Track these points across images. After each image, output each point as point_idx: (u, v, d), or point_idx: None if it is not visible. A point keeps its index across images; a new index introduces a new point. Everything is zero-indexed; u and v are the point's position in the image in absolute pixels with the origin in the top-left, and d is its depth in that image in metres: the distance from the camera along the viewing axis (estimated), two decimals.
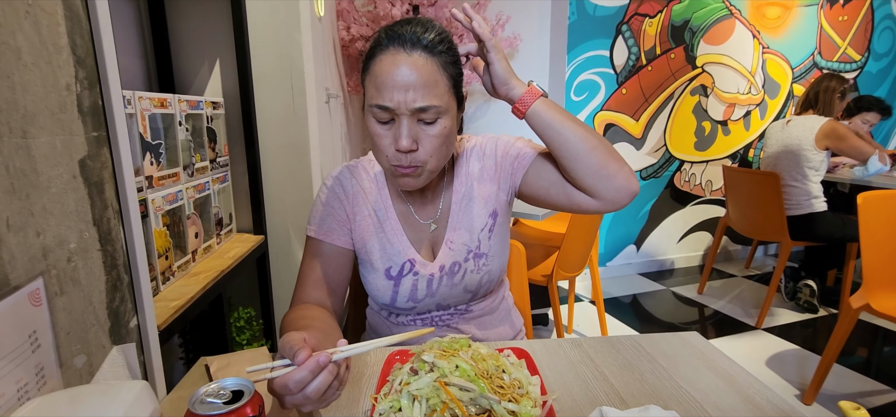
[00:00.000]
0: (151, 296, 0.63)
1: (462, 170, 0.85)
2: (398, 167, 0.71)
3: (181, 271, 0.90)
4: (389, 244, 0.82)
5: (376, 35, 0.72)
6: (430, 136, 0.70)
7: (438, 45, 0.69)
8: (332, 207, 0.82)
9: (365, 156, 0.88)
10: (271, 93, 1.29)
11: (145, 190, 0.79)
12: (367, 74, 0.71)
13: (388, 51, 0.68)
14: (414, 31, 0.68)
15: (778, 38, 3.19)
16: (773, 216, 2.32)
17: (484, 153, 0.85)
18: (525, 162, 0.82)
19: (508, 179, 0.84)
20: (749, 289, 2.91)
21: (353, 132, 2.19)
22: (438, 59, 0.69)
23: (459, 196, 0.84)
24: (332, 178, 0.84)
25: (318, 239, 0.81)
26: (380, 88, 0.67)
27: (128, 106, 0.75)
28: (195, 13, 1.23)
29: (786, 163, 2.39)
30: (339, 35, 1.99)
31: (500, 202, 0.84)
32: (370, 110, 0.70)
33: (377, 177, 0.84)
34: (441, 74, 0.69)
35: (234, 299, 1.27)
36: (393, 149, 0.69)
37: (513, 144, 0.84)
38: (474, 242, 0.83)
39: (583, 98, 2.86)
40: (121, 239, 0.59)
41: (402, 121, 0.68)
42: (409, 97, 0.66)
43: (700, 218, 3.29)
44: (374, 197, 0.83)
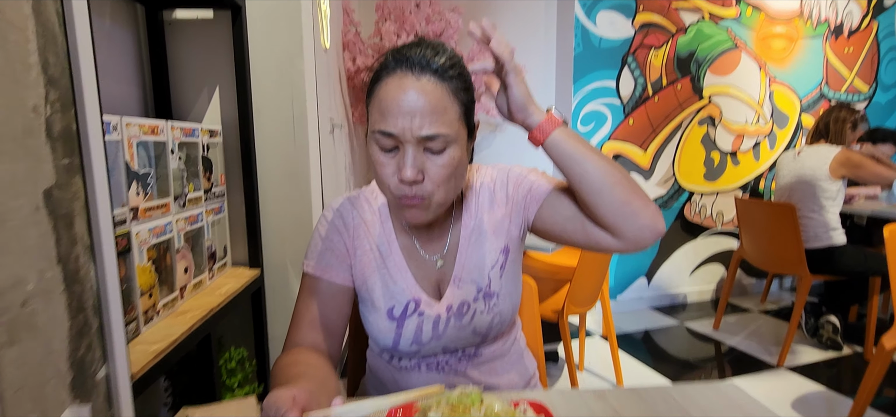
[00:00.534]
0: (125, 342, 0.56)
1: (471, 202, 0.79)
2: (403, 198, 0.65)
3: (167, 309, 0.83)
4: (392, 281, 0.75)
5: (383, 58, 0.67)
6: (437, 167, 0.64)
7: (449, 70, 0.64)
8: (332, 241, 0.76)
9: (368, 185, 0.82)
10: (271, 121, 1.25)
11: (129, 222, 0.73)
12: (372, 99, 0.66)
13: (395, 74, 0.63)
14: (423, 54, 0.64)
15: (784, 69, 3.17)
16: (790, 249, 2.24)
17: (495, 185, 0.80)
18: (539, 195, 0.76)
19: (521, 213, 0.78)
20: (767, 325, 2.80)
21: (357, 162, 2.15)
22: (449, 85, 0.64)
23: (469, 230, 0.78)
24: (332, 210, 0.78)
25: (316, 276, 0.75)
26: (384, 113, 0.63)
27: (113, 132, 0.70)
28: (196, 40, 1.20)
29: (801, 194, 2.33)
30: (345, 65, 1.97)
31: (511, 237, 0.78)
32: (373, 137, 0.65)
33: (380, 210, 0.78)
34: (451, 101, 0.64)
35: (227, 338, 1.19)
36: (396, 180, 0.64)
37: (526, 176, 0.79)
38: (484, 280, 0.76)
39: (589, 128, 2.82)
40: (91, 278, 0.53)
41: (408, 150, 0.63)
42: (415, 124, 0.61)
43: (712, 250, 3.20)
44: (377, 230, 0.77)
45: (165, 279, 0.84)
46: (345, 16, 1.94)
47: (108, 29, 1.02)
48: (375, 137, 0.64)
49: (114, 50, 1.05)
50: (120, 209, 0.71)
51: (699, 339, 2.63)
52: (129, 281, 0.72)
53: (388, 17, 1.96)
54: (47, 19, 0.49)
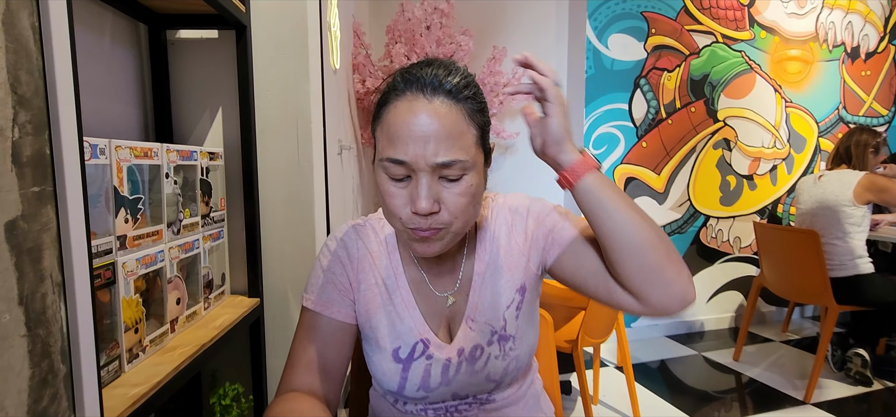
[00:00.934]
0: (97, 389, 0.50)
1: (487, 234, 0.72)
2: (416, 230, 0.59)
3: (155, 345, 0.78)
4: (399, 319, 0.69)
5: (391, 79, 0.61)
6: (454, 196, 0.58)
7: (464, 90, 0.59)
8: (334, 273, 0.70)
9: (375, 213, 0.76)
10: (275, 143, 1.20)
11: (115, 252, 0.68)
12: (379, 123, 0.61)
13: (405, 96, 0.58)
14: (435, 73, 0.58)
15: (801, 92, 3.10)
16: (814, 277, 2.14)
17: (513, 218, 0.73)
18: (562, 240, 0.68)
19: (539, 254, 0.70)
20: (789, 356, 2.67)
21: (365, 184, 2.11)
22: (464, 107, 0.59)
23: (483, 265, 0.71)
24: (335, 240, 0.72)
25: (315, 312, 0.69)
26: (394, 140, 0.57)
27: (100, 156, 0.66)
28: (199, 61, 1.17)
29: (824, 220, 2.24)
30: (355, 87, 1.94)
31: (529, 276, 0.71)
32: (382, 165, 0.59)
33: (387, 240, 0.72)
34: (467, 124, 0.58)
35: (222, 372, 1.13)
36: (408, 211, 0.58)
37: (549, 214, 0.71)
38: (499, 322, 0.69)
39: (602, 151, 2.76)
40: (60, 319, 0.47)
41: (421, 179, 0.57)
42: (429, 150, 0.56)
43: (730, 276, 3.10)
44: (383, 262, 0.71)
45: (154, 312, 0.78)
46: (355, 38, 1.92)
47: (108, 48, 0.99)
48: (384, 165, 0.58)
49: (114, 70, 1.01)
50: (105, 238, 0.66)
51: (718, 370, 2.51)
52: (113, 317, 0.67)
53: (398, 39, 1.93)
54: (20, 34, 0.45)
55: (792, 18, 3.02)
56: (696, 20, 2.84)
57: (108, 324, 0.66)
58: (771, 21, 2.98)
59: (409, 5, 1.90)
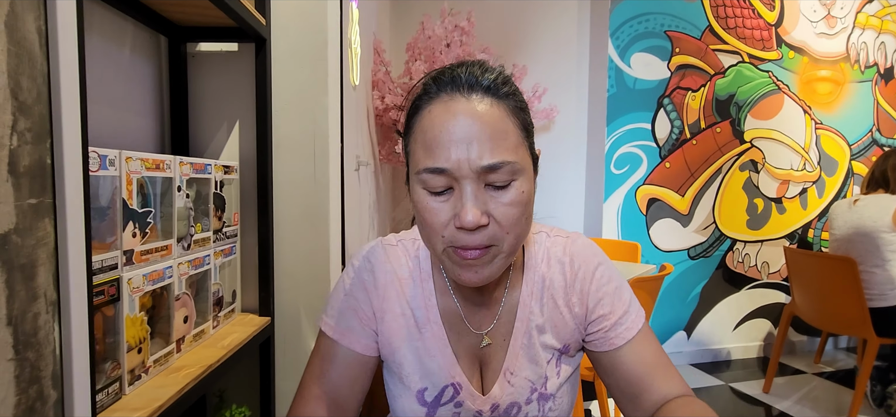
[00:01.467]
0: (91, 415, 0.47)
1: (534, 272, 0.63)
2: (462, 251, 0.51)
3: (159, 366, 0.74)
4: (429, 356, 0.61)
5: (421, 85, 0.56)
6: (503, 206, 0.51)
7: (503, 87, 0.53)
8: (356, 299, 0.63)
9: (408, 231, 0.69)
10: (291, 158, 1.18)
11: (121, 267, 0.65)
12: (412, 135, 0.55)
13: (440, 99, 0.52)
14: (470, 72, 0.53)
15: (832, 114, 3.00)
16: (851, 307, 2.02)
17: (574, 271, 0.63)
18: (615, 339, 0.60)
19: (586, 330, 0.63)
20: (823, 389, 2.53)
21: (382, 200, 2.08)
22: (506, 104, 0.52)
23: (527, 311, 0.62)
24: (361, 259, 0.65)
25: (333, 340, 0.62)
26: (431, 147, 0.51)
27: (109, 167, 0.63)
28: (218, 73, 1.16)
29: (860, 247, 2.13)
30: (373, 104, 1.93)
31: (574, 340, 0.64)
32: (418, 178, 0.52)
33: (421, 264, 0.64)
34: (511, 123, 0.52)
35: (229, 394, 1.09)
36: (452, 228, 0.51)
37: (614, 296, 0.62)
38: (540, 379, 0.62)
39: (624, 171, 2.69)
40: (53, 340, 0.44)
41: (465, 187, 0.50)
42: (473, 153, 0.49)
43: (758, 303, 2.97)
44: (414, 290, 0.63)
45: (160, 330, 0.75)
46: (375, 55, 1.92)
47: (127, 60, 0.99)
48: (422, 178, 0.52)
49: (133, 82, 1.01)
50: (111, 253, 0.64)
51: (747, 401, 2.39)
52: (115, 336, 0.64)
53: (418, 56, 1.92)
54: (23, 37, 0.42)
55: (821, 38, 2.94)
56: (722, 40, 2.77)
57: (109, 343, 0.63)
58: (799, 41, 2.90)
59: (430, 23, 1.89)
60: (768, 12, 2.84)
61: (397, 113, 1.91)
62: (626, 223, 2.72)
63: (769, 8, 2.84)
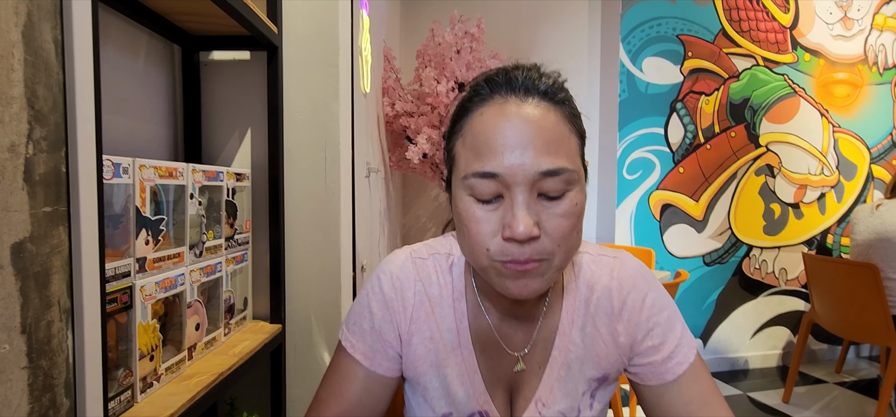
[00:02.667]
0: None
1: (576, 297, 0.59)
2: (511, 264, 0.48)
3: (171, 373, 0.74)
4: (457, 383, 0.58)
5: (472, 85, 0.53)
6: (556, 217, 0.47)
7: (559, 92, 0.50)
8: (381, 320, 0.59)
9: (438, 240, 0.64)
10: (303, 165, 1.19)
11: (134, 275, 0.66)
12: (459, 137, 0.51)
13: (493, 101, 0.49)
14: (527, 75, 0.50)
15: (849, 117, 2.94)
16: (874, 315, 1.97)
17: (623, 298, 0.58)
18: (666, 373, 0.56)
19: (626, 358, 0.59)
20: (844, 399, 2.46)
21: (392, 208, 2.08)
22: (562, 110, 0.49)
23: (567, 340, 0.58)
24: (390, 276, 0.59)
25: (354, 359, 0.58)
26: (482, 151, 0.47)
27: (123, 175, 0.64)
28: (230, 82, 1.17)
29: (882, 253, 2.07)
30: (384, 111, 1.93)
31: (615, 370, 0.60)
32: (465, 184, 0.49)
33: (454, 282, 0.60)
34: (568, 130, 0.49)
35: (240, 401, 1.09)
36: (499, 240, 0.48)
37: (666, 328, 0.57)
38: (573, 411, 0.58)
39: (637, 176, 2.67)
40: (66, 349, 0.44)
41: (517, 196, 0.47)
42: (528, 159, 0.46)
43: (776, 311, 2.91)
44: (445, 311, 0.59)
45: (172, 337, 0.75)
46: (386, 62, 1.92)
47: (141, 69, 1.00)
48: (469, 184, 0.48)
49: (147, 90, 1.02)
50: (124, 260, 0.64)
51: (766, 412, 2.33)
52: (128, 343, 0.64)
53: (428, 63, 1.93)
54: (40, 47, 0.43)
55: (838, 41, 2.89)
56: (735, 43, 2.74)
57: (122, 351, 0.63)
58: (815, 44, 2.86)
59: (440, 30, 1.90)
60: (783, 15, 2.80)
61: (407, 119, 1.91)
62: (640, 229, 2.69)
63: (784, 10, 2.80)
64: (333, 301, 1.17)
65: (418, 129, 1.87)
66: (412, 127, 1.90)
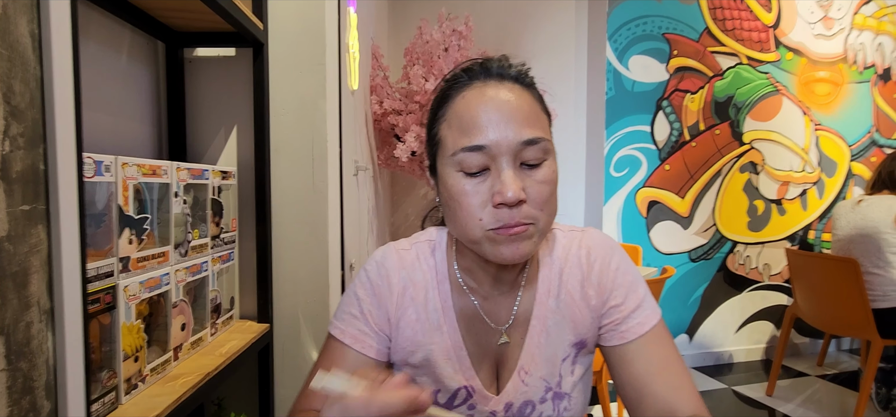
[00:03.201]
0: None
1: (553, 270, 0.63)
2: (503, 229, 0.53)
3: (156, 374, 0.73)
4: (443, 361, 0.61)
5: (450, 76, 0.59)
6: (537, 184, 0.54)
7: (527, 77, 0.58)
8: (371, 306, 0.62)
9: (419, 235, 0.68)
10: (290, 163, 1.17)
11: (117, 275, 0.64)
12: (443, 121, 0.57)
13: (473, 85, 0.56)
14: (500, 63, 0.58)
15: (831, 115, 3.00)
16: (854, 309, 2.01)
17: (591, 263, 0.63)
18: (626, 332, 0.60)
19: (598, 320, 0.63)
20: (826, 392, 2.52)
21: (380, 206, 2.07)
22: (532, 92, 0.57)
23: (545, 308, 0.62)
24: (375, 265, 0.64)
25: (344, 344, 0.61)
26: (468, 127, 0.54)
27: (105, 173, 0.63)
28: (215, 79, 1.15)
29: (862, 248, 2.12)
30: (372, 108, 1.92)
31: (590, 335, 0.64)
32: (453, 160, 0.54)
33: (437, 267, 0.64)
34: (539, 109, 0.57)
35: (228, 401, 1.08)
36: (490, 208, 0.53)
37: (630, 289, 0.62)
38: (555, 377, 0.61)
39: (623, 174, 2.69)
40: (46, 350, 0.43)
41: (502, 164, 0.53)
42: (510, 132, 0.52)
43: (759, 305, 2.96)
44: (429, 294, 0.63)
45: (157, 338, 0.74)
46: (373, 60, 1.91)
47: (124, 66, 0.98)
48: (458, 159, 0.54)
49: (130, 88, 1.00)
50: (107, 260, 0.63)
51: (750, 405, 2.37)
52: (112, 344, 0.63)
53: (416, 61, 1.92)
54: (16, 41, 0.42)
55: (819, 40, 2.94)
56: (720, 42, 2.78)
57: (105, 352, 0.62)
58: (797, 42, 2.91)
59: (428, 28, 1.89)
60: (766, 14, 2.85)
61: (396, 117, 1.90)
62: (627, 226, 2.71)
63: (766, 9, 2.85)
64: (321, 300, 1.16)
65: (407, 127, 1.87)
66: (400, 125, 1.89)
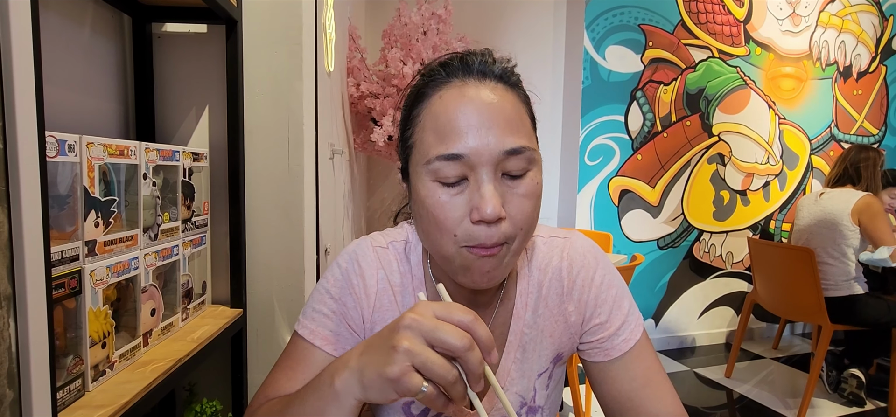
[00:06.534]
0: (52, 415, 0.44)
1: (529, 281, 0.60)
2: (478, 248, 0.47)
3: (124, 361, 0.71)
4: None
5: (425, 70, 0.53)
6: (518, 197, 0.48)
7: (512, 76, 0.52)
8: (344, 305, 0.57)
9: (395, 229, 0.63)
10: (264, 146, 1.15)
11: (82, 259, 0.62)
12: (418, 123, 0.51)
13: (451, 84, 0.50)
14: (483, 59, 0.51)
15: (794, 109, 3.12)
16: (809, 296, 2.12)
17: (573, 278, 0.59)
18: (611, 350, 0.58)
19: (577, 336, 0.60)
20: (779, 373, 2.66)
21: (356, 190, 2.06)
22: (517, 93, 0.51)
23: (522, 323, 0.59)
24: (350, 261, 0.58)
25: (312, 344, 0.55)
26: (445, 133, 0.47)
27: (69, 153, 0.60)
28: (186, 56, 1.11)
29: (820, 238, 2.22)
30: (349, 91, 1.89)
31: (569, 348, 0.61)
32: (427, 169, 0.48)
33: (412, 268, 0.59)
34: (523, 111, 0.50)
35: (200, 387, 1.07)
36: (467, 224, 0.47)
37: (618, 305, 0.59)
38: (530, 392, 0.59)
39: (597, 163, 2.74)
40: (8, 337, 0.42)
41: (482, 176, 0.47)
42: (492, 140, 0.46)
43: (722, 292, 3.08)
44: (404, 298, 0.58)
45: (126, 323, 0.72)
46: (350, 41, 1.87)
47: (87, 40, 0.93)
48: (433, 168, 0.47)
49: (94, 63, 0.96)
50: (72, 244, 0.60)
51: (709, 386, 2.49)
52: (77, 330, 0.61)
53: (394, 44, 1.89)
54: None
55: (786, 36, 3.04)
56: (693, 35, 2.84)
57: (71, 338, 0.60)
58: (766, 38, 3.00)
59: (406, 10, 1.86)
60: (737, 8, 2.92)
61: (373, 100, 1.87)
62: (599, 214, 2.77)
63: (738, 4, 2.92)
64: (296, 284, 1.15)
65: (384, 111, 1.85)
66: (378, 108, 1.87)
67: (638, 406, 0.56)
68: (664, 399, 0.56)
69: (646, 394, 0.56)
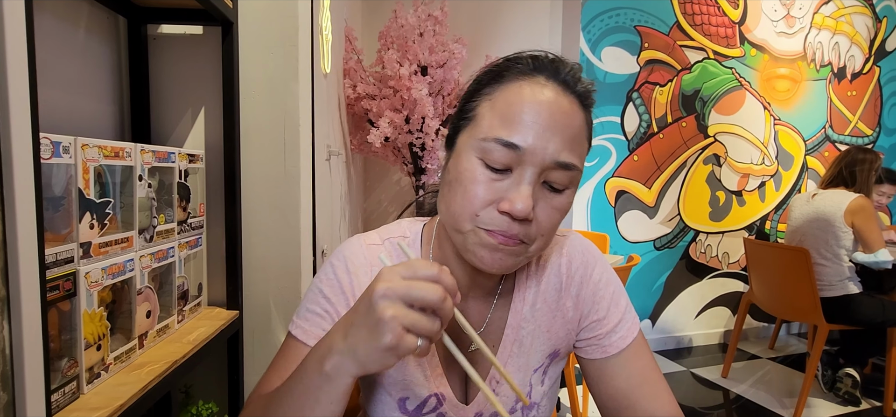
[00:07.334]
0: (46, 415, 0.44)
1: (528, 274, 0.61)
2: (495, 233, 0.49)
3: (120, 363, 0.71)
4: (413, 366, 0.58)
5: (513, 56, 0.53)
6: (550, 209, 0.50)
7: (589, 99, 0.52)
8: (334, 305, 0.57)
9: (389, 227, 0.63)
10: (260, 147, 1.15)
11: (77, 260, 0.62)
12: (487, 98, 0.51)
13: (535, 79, 0.50)
14: (572, 71, 0.52)
15: (789, 110, 3.14)
16: (804, 296, 2.13)
17: (571, 274, 0.61)
18: (608, 347, 0.59)
19: (575, 333, 0.61)
20: (776, 373, 2.67)
21: (353, 193, 2.05)
22: (586, 116, 0.52)
23: (520, 317, 0.60)
24: (341, 260, 0.58)
25: (307, 345, 0.55)
26: (510, 120, 0.48)
27: (64, 155, 0.60)
28: (182, 58, 1.11)
29: (813, 239, 2.23)
30: (345, 92, 1.89)
31: (566, 345, 0.62)
32: (481, 145, 0.49)
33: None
34: (585, 135, 0.52)
35: (196, 389, 1.06)
36: (492, 211, 0.48)
37: (616, 302, 0.60)
38: (526, 387, 0.59)
39: (594, 164, 2.75)
40: (2, 340, 0.41)
41: (526, 176, 0.48)
42: (551, 146, 0.47)
43: (718, 292, 3.10)
44: None
45: (121, 325, 0.72)
46: (347, 42, 1.88)
47: (82, 41, 0.93)
48: (487, 147, 0.48)
49: (89, 65, 0.95)
50: (67, 246, 0.60)
51: (706, 386, 2.50)
52: (72, 332, 0.60)
53: (390, 45, 1.89)
54: None
55: (781, 37, 3.06)
56: (689, 36, 2.85)
57: (65, 340, 0.60)
58: (761, 39, 3.01)
59: (403, 11, 1.87)
60: (732, 10, 2.93)
61: (369, 102, 1.87)
62: (596, 214, 2.78)
63: (733, 6, 2.93)
64: (293, 286, 1.15)
65: (380, 112, 1.85)
66: (374, 110, 1.87)
67: (634, 404, 0.56)
68: (660, 398, 0.57)
69: (642, 393, 0.57)
